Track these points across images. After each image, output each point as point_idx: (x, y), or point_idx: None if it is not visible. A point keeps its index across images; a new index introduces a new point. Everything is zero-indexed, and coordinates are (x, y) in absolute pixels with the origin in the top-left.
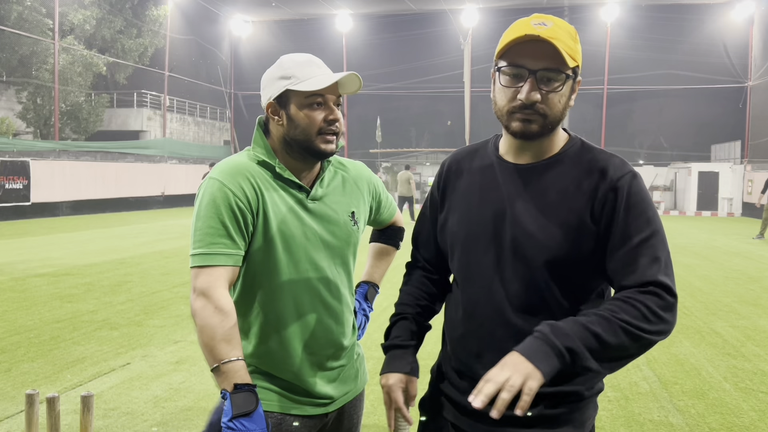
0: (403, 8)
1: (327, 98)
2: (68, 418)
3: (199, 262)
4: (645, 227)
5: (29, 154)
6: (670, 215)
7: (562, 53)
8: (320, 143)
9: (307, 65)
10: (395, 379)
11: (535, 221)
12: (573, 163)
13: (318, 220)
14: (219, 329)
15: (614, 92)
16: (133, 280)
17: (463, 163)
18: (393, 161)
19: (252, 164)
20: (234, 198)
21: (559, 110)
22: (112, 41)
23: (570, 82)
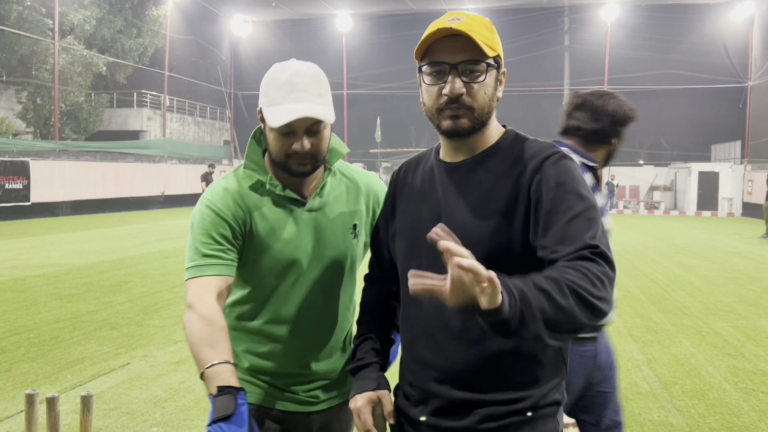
0: (403, 8)
1: (296, 128)
2: (68, 418)
3: (189, 275)
4: (577, 203)
5: (29, 154)
6: (670, 215)
7: (479, 44)
8: (294, 166)
9: (282, 88)
10: (363, 400)
11: (467, 216)
12: (504, 154)
13: (313, 231)
14: (203, 335)
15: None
16: (133, 280)
17: (409, 171)
18: (393, 161)
19: (241, 185)
20: (222, 215)
21: (485, 101)
22: (112, 41)
23: (493, 72)
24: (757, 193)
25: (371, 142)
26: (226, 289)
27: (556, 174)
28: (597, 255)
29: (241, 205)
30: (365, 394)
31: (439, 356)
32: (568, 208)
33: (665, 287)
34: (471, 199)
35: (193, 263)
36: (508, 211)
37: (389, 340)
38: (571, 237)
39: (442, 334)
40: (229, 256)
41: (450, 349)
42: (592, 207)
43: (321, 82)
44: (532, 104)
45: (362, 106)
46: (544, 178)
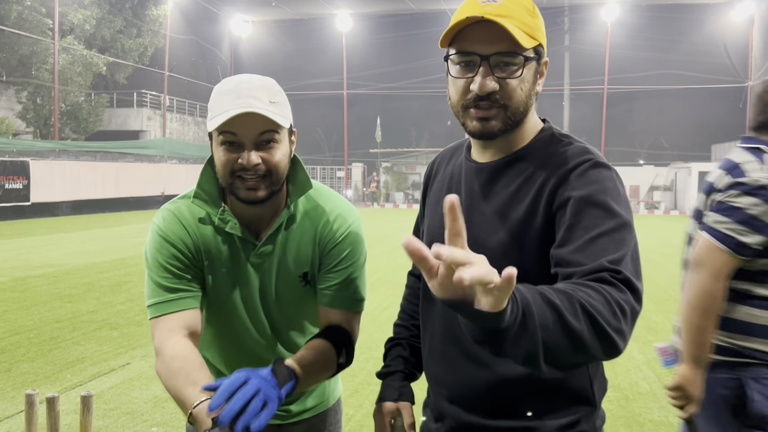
0: (403, 8)
1: (241, 137)
2: (68, 418)
3: (152, 314)
4: (604, 219)
5: (29, 154)
6: (671, 215)
7: (516, 33)
8: (240, 191)
9: (226, 96)
10: (384, 410)
11: (486, 226)
12: (534, 158)
13: (262, 277)
14: (180, 376)
15: (614, 92)
16: (132, 280)
17: (443, 162)
18: (393, 161)
19: (191, 214)
20: (175, 244)
21: (521, 99)
22: (112, 41)
23: (532, 65)
24: None
25: (371, 142)
26: (196, 322)
27: (583, 185)
28: (620, 281)
29: (192, 234)
30: (386, 404)
31: (450, 375)
32: (592, 225)
33: (665, 287)
34: (491, 208)
35: (154, 300)
36: (524, 225)
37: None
38: (592, 256)
39: (453, 351)
40: (192, 287)
41: (460, 369)
42: (623, 225)
43: (273, 92)
44: None
45: (362, 106)
46: (569, 191)
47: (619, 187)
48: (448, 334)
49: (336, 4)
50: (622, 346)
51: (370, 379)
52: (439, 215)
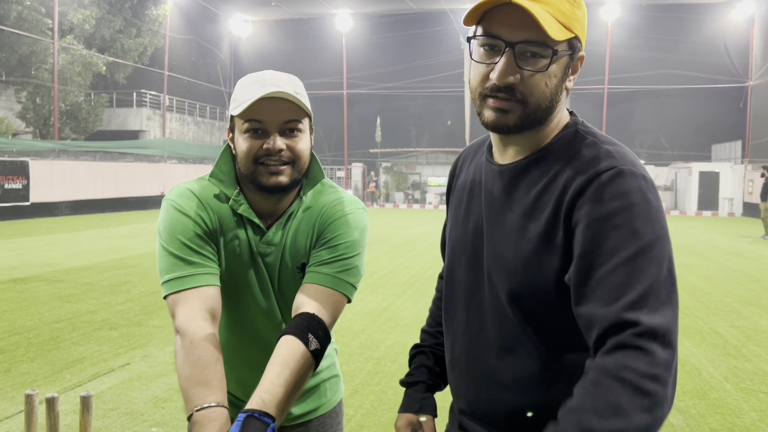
0: (403, 8)
1: (266, 125)
2: (68, 418)
3: (170, 289)
4: (626, 242)
5: (28, 153)
6: (671, 215)
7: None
8: (263, 177)
9: (250, 86)
10: (403, 421)
11: (505, 237)
12: (556, 158)
13: (267, 266)
14: (195, 370)
15: (614, 92)
16: (132, 280)
17: (467, 159)
18: (393, 161)
19: (207, 194)
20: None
21: (545, 95)
22: (112, 41)
23: (563, 59)
24: (757, 193)
25: (371, 142)
26: (218, 304)
27: (604, 199)
28: (641, 336)
29: (207, 209)
30: (406, 415)
31: (470, 390)
32: (612, 251)
33: None
34: (512, 216)
35: (171, 275)
36: (544, 239)
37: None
38: (607, 302)
39: (475, 369)
40: (211, 263)
41: (481, 387)
42: (648, 247)
43: (297, 85)
44: None
45: (362, 106)
46: (588, 204)
47: (649, 196)
48: (472, 351)
49: (336, 4)
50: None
51: (370, 380)
52: (461, 222)
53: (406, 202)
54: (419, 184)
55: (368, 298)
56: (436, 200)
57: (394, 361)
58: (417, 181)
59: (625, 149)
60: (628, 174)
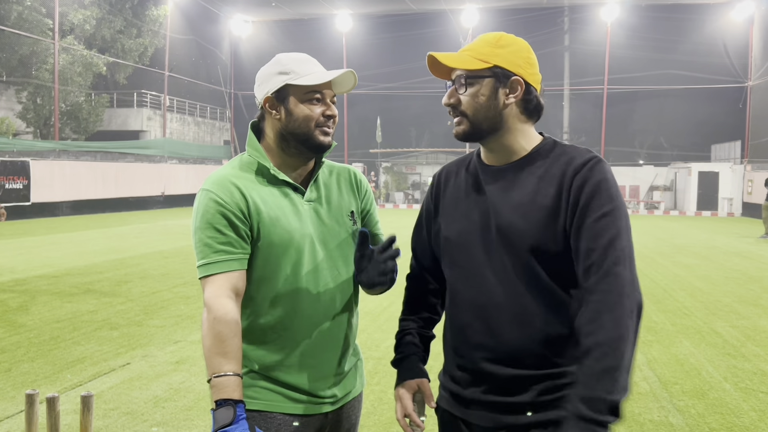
0: (403, 8)
1: (325, 94)
2: (68, 418)
3: (203, 273)
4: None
5: (29, 154)
6: (670, 215)
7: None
8: (319, 135)
9: (305, 62)
10: (404, 389)
11: (514, 213)
12: (544, 159)
13: (314, 221)
14: (217, 341)
15: (614, 92)
16: (133, 280)
17: (451, 173)
18: (393, 161)
19: (242, 173)
20: (227, 206)
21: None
22: (112, 41)
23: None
24: (757, 193)
25: (371, 142)
26: (242, 284)
27: (593, 176)
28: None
29: (244, 192)
30: (406, 382)
31: (493, 338)
32: (598, 206)
33: (665, 287)
34: (517, 199)
35: (204, 260)
36: (553, 208)
37: (429, 335)
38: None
39: (496, 317)
40: (239, 248)
41: (504, 331)
42: (618, 207)
43: None
44: None
45: (362, 106)
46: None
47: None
48: (492, 306)
49: (336, 4)
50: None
51: (369, 380)
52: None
53: (406, 202)
54: (419, 184)
55: (368, 297)
56: None
57: None
58: (417, 181)
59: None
60: (603, 161)
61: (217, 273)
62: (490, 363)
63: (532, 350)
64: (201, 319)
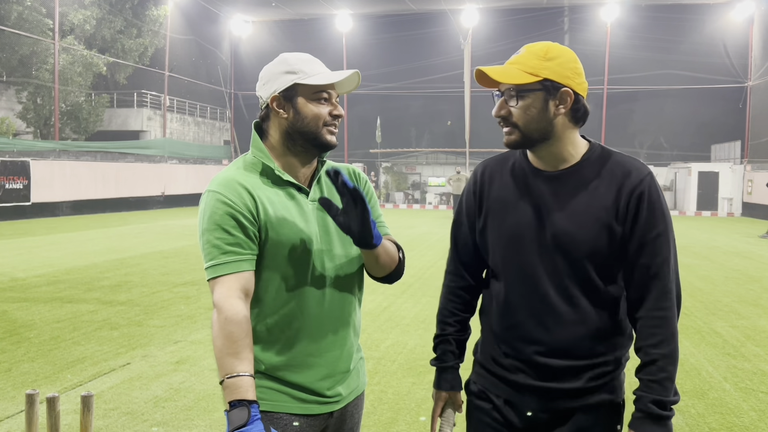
0: (403, 8)
1: (331, 94)
2: (68, 418)
3: (212, 274)
4: (660, 222)
5: (29, 154)
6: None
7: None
8: (326, 134)
9: (311, 62)
10: (440, 396)
11: (570, 219)
12: (595, 168)
13: (318, 221)
14: (228, 342)
15: (614, 92)
16: (133, 280)
17: (495, 171)
18: (393, 161)
19: (247, 173)
20: (234, 206)
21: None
22: (112, 41)
23: (539, 94)
24: (756, 193)
25: (371, 142)
26: (251, 284)
27: (650, 193)
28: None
29: (252, 192)
30: (441, 392)
31: (547, 335)
32: (654, 225)
33: None
34: (571, 206)
35: (213, 262)
36: (607, 219)
37: (465, 338)
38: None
39: (550, 318)
40: (247, 249)
41: (557, 329)
42: (669, 225)
43: None
44: None
45: (362, 106)
46: (641, 197)
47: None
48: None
49: (336, 4)
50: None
51: (369, 379)
52: (511, 214)
53: (406, 202)
54: (419, 184)
55: (368, 297)
56: (436, 200)
57: (393, 361)
58: (417, 181)
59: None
60: (654, 177)
61: (227, 274)
62: (543, 356)
63: (582, 344)
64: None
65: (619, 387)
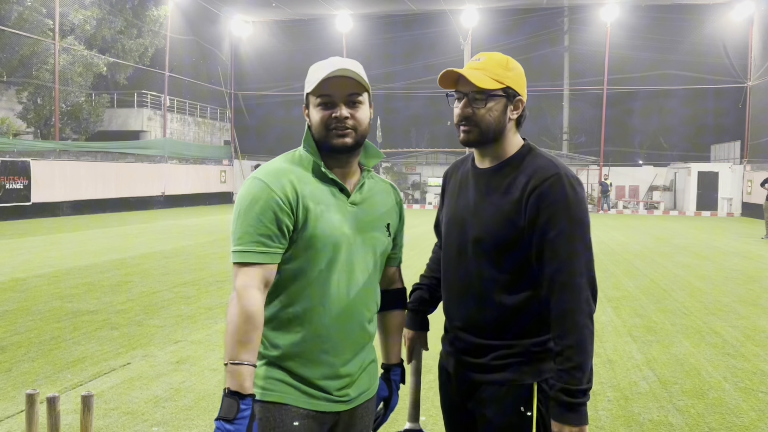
0: (403, 8)
1: (334, 98)
2: (68, 418)
3: (239, 259)
4: (563, 222)
5: (30, 154)
6: (670, 215)
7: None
8: (333, 138)
9: (321, 68)
10: (410, 334)
11: (486, 214)
12: (516, 166)
13: (355, 223)
14: (240, 330)
15: (614, 92)
16: (133, 280)
17: (454, 169)
18: (393, 161)
19: (295, 167)
20: (276, 198)
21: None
22: (113, 41)
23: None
24: (756, 193)
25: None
26: (272, 278)
27: (551, 193)
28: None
29: (296, 185)
30: (409, 331)
31: (464, 312)
32: (555, 224)
33: (665, 287)
34: (491, 199)
35: (242, 247)
36: (512, 213)
37: (438, 292)
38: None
39: (466, 296)
40: (277, 243)
41: (472, 308)
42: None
43: (357, 66)
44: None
45: None
46: (541, 197)
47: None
48: (463, 287)
49: (336, 4)
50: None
51: None
52: (454, 205)
53: (407, 202)
54: (419, 184)
55: None
56: (436, 200)
57: None
58: (417, 181)
59: (559, 160)
60: (563, 177)
61: (252, 264)
62: (462, 331)
63: (491, 327)
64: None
65: (528, 372)
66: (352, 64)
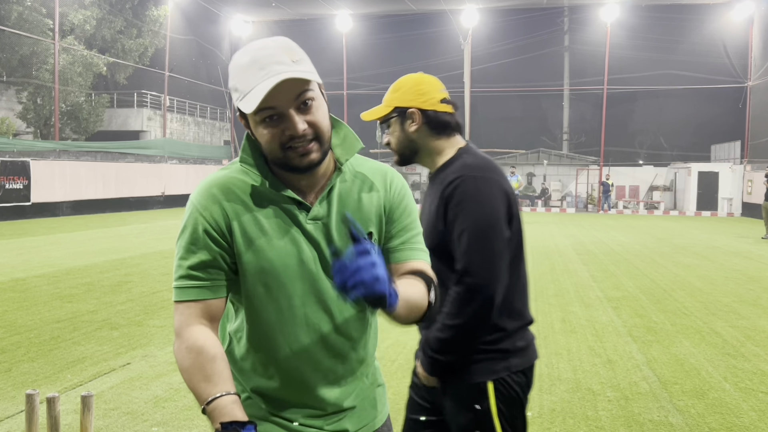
0: (403, 8)
1: (280, 108)
2: (68, 418)
3: (174, 297)
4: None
5: (29, 154)
6: (670, 215)
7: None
8: (293, 160)
9: (248, 70)
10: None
11: (424, 218)
12: (442, 173)
13: (320, 243)
14: (195, 368)
15: (614, 92)
16: (133, 280)
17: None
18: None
19: (232, 184)
20: (204, 224)
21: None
22: (113, 41)
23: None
24: (756, 193)
25: (371, 142)
26: (217, 310)
27: (456, 194)
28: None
29: (224, 205)
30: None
31: None
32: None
33: (665, 287)
34: (426, 205)
35: (178, 284)
36: (436, 218)
37: None
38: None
39: None
40: (211, 274)
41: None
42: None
43: (292, 50)
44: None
45: (362, 106)
46: (449, 199)
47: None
48: None
49: (336, 4)
50: (467, 327)
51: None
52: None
53: None
54: (419, 184)
55: None
56: None
57: (393, 361)
58: (417, 181)
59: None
60: (468, 179)
61: (186, 300)
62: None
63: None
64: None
65: (477, 371)
66: (285, 52)
